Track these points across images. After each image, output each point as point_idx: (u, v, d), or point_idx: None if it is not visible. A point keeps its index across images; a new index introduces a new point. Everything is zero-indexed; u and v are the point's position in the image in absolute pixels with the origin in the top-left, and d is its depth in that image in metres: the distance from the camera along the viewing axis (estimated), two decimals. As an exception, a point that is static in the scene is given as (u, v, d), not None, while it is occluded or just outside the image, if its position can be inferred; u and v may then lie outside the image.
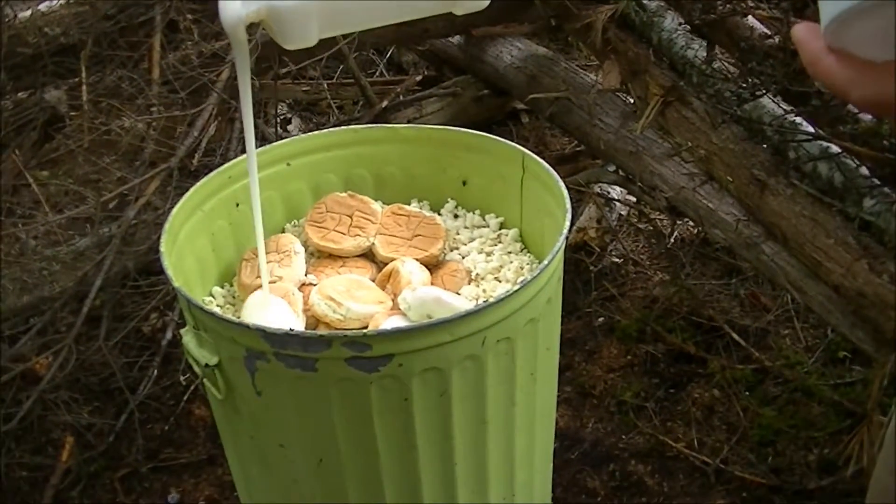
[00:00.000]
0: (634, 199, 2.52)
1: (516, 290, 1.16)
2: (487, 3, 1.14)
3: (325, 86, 2.69)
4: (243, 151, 1.62)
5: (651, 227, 2.49)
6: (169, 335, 2.00)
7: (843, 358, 2.15)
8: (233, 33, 1.09)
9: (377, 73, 3.07)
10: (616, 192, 2.58)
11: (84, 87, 2.02)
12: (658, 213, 2.39)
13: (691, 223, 2.31)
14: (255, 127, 2.45)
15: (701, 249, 2.38)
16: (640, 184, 2.24)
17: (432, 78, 2.96)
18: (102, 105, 2.00)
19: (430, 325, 1.13)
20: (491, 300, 1.17)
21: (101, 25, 2.07)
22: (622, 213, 2.59)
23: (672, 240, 2.44)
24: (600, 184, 2.54)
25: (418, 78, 2.84)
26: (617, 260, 2.43)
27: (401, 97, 2.70)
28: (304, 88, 2.74)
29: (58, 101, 2.03)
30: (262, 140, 2.40)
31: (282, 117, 2.73)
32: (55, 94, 2.04)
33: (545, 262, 1.21)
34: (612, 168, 2.42)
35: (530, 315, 1.22)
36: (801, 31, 0.64)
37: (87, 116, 2.00)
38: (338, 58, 2.56)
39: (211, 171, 1.49)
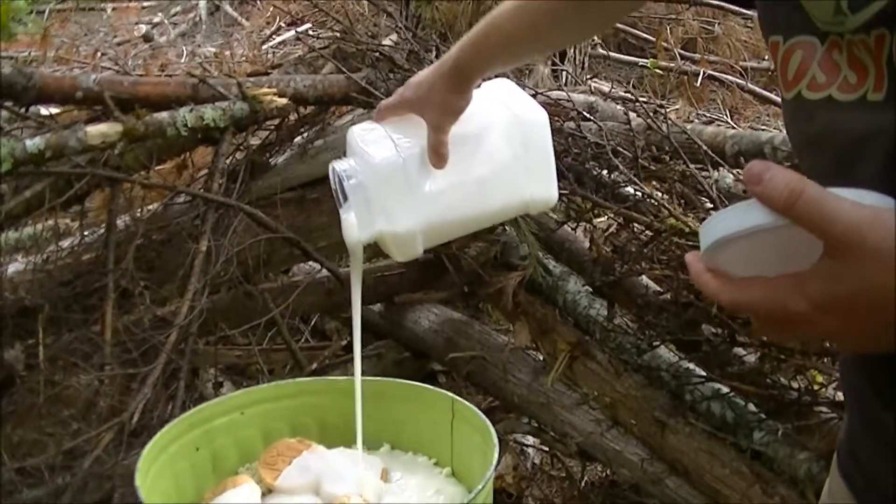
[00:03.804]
0: (547, 448, 2.70)
1: (456, 512, 1.33)
2: (556, 201, 1.38)
3: (257, 350, 2.86)
4: (185, 409, 1.79)
5: (563, 474, 2.67)
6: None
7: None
8: (352, 250, 1.33)
9: (302, 340, 3.26)
10: (530, 441, 2.77)
11: (41, 348, 2.18)
12: (569, 457, 2.58)
13: (600, 467, 2.49)
14: (195, 388, 2.61)
15: (610, 490, 2.56)
16: (552, 433, 2.44)
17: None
18: (59, 364, 2.16)
19: (382, 542, 1.29)
20: (435, 522, 1.33)
21: (58, 291, 2.25)
22: (536, 461, 2.76)
23: (583, 483, 2.62)
24: (515, 434, 2.73)
25: (343, 343, 3.04)
26: (534, 504, 2.60)
27: (327, 361, 2.88)
28: (237, 353, 2.91)
29: (15, 360, 2.17)
30: (201, 398, 2.56)
31: (212, 381, 2.88)
32: (12, 353, 2.18)
33: (479, 485, 1.37)
34: (525, 419, 2.62)
35: (469, 536, 1.38)
36: (689, 256, 0.85)
37: (43, 374, 2.15)
38: (267, 326, 2.74)
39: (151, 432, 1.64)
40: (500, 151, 1.36)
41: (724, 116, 5.37)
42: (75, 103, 2.34)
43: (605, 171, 2.56)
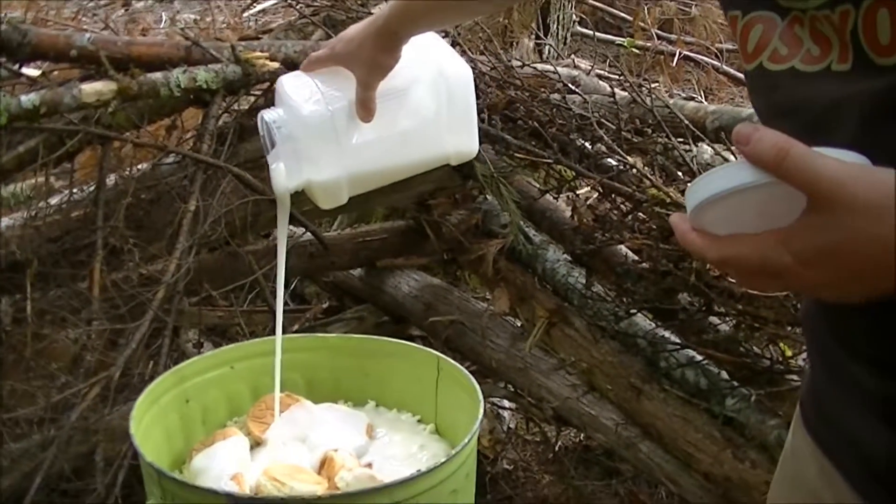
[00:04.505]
0: (522, 413, 2.76)
1: (443, 462, 1.38)
2: (475, 153, 1.44)
3: (239, 312, 2.89)
4: (167, 368, 1.82)
5: (539, 438, 2.73)
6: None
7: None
8: (280, 198, 1.39)
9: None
10: (506, 405, 2.83)
11: (29, 302, 2.20)
12: (545, 422, 2.64)
13: (573, 432, 2.56)
14: (178, 348, 2.63)
15: (584, 455, 2.63)
16: (528, 398, 2.50)
17: (334, 308, 3.19)
18: (47, 318, 2.19)
19: (373, 488, 1.34)
20: (423, 470, 1.38)
21: (47, 246, 2.28)
22: (511, 425, 2.83)
23: (557, 447, 2.68)
24: (492, 398, 2.78)
25: (325, 305, 3.08)
26: (508, 467, 2.66)
27: (307, 323, 2.92)
28: (218, 314, 2.93)
29: (3, 314, 2.20)
30: (182, 357, 2.59)
31: (193, 342, 2.91)
32: (0, 307, 2.21)
33: (465, 439, 1.42)
34: (502, 384, 2.67)
35: (453, 486, 1.40)
36: (675, 217, 0.89)
37: (31, 328, 2.18)
38: (250, 288, 2.77)
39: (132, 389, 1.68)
40: (424, 107, 1.42)
41: (699, 97, 5.42)
42: (69, 61, 2.36)
43: (588, 143, 2.62)
